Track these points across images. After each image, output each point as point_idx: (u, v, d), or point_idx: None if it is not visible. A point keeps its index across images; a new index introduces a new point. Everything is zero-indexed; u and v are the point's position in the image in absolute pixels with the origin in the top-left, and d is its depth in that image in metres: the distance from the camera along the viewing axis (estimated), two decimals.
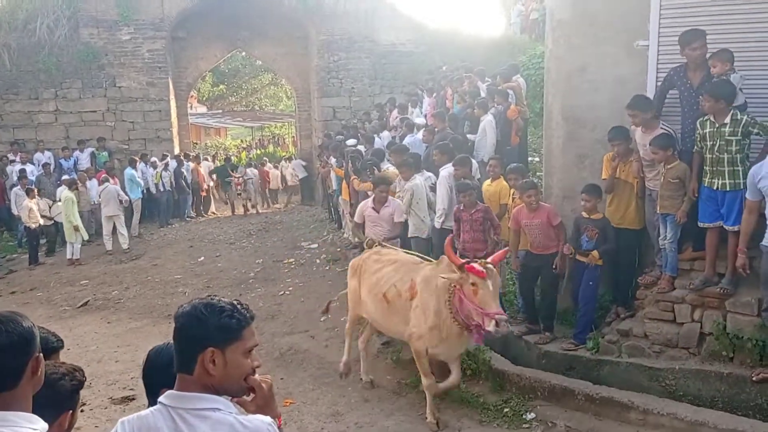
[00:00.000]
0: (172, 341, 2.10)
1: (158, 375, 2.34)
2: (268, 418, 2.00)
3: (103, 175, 14.17)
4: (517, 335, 6.31)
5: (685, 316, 5.45)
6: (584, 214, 5.98)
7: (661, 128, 5.52)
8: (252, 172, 19.82)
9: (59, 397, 2.13)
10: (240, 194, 18.44)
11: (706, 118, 5.16)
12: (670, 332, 5.51)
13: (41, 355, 1.93)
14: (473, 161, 8.24)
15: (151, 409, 2.03)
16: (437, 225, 7.44)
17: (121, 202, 13.91)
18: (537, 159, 11.18)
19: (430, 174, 8.00)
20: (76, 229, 12.88)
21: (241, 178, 18.38)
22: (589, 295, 5.95)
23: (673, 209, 5.38)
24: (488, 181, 7.67)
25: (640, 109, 5.51)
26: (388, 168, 9.30)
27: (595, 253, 5.79)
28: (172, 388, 2.02)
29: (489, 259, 4.89)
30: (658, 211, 5.54)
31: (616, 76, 6.09)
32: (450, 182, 7.32)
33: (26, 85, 16.64)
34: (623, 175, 5.86)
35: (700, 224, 5.31)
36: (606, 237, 5.86)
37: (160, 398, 2.01)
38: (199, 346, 1.96)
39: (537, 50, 14.81)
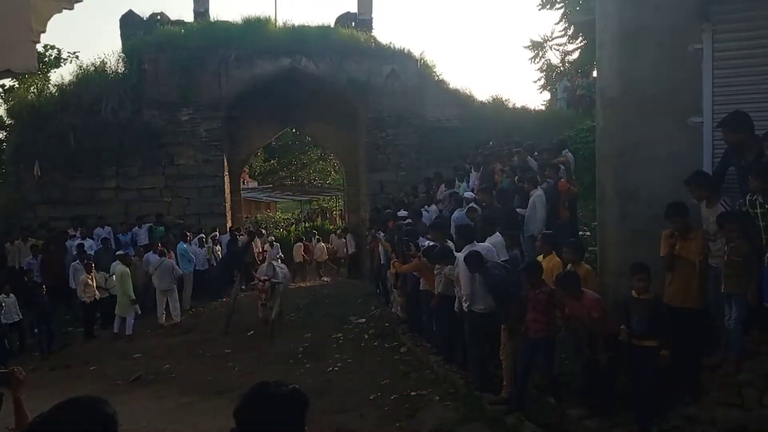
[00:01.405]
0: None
1: None
2: None
3: (161, 248, 14.53)
4: (576, 418, 6.05)
5: (753, 401, 5.14)
6: (633, 294, 5.80)
7: (721, 204, 5.40)
8: (282, 271, 13.37)
9: None
10: (265, 304, 12.47)
11: (754, 197, 5.05)
12: (738, 418, 5.18)
13: None
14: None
15: None
16: (465, 309, 7.47)
17: (175, 277, 14.21)
18: (588, 233, 11.02)
19: (488, 245, 7.93)
20: (134, 302, 13.15)
21: (267, 282, 12.41)
22: (649, 379, 5.69)
23: (738, 288, 5.17)
24: (540, 257, 7.59)
25: (699, 184, 5.42)
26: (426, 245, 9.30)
27: (664, 352, 5.56)
28: None
29: None
30: (722, 290, 5.32)
31: (669, 152, 6.02)
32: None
33: (89, 163, 17.32)
34: (683, 253, 5.67)
35: (765, 304, 5.08)
36: (658, 318, 5.64)
37: None
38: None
39: (584, 124, 14.84)
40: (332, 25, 19.88)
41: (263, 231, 23.28)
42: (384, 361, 9.80)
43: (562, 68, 28.06)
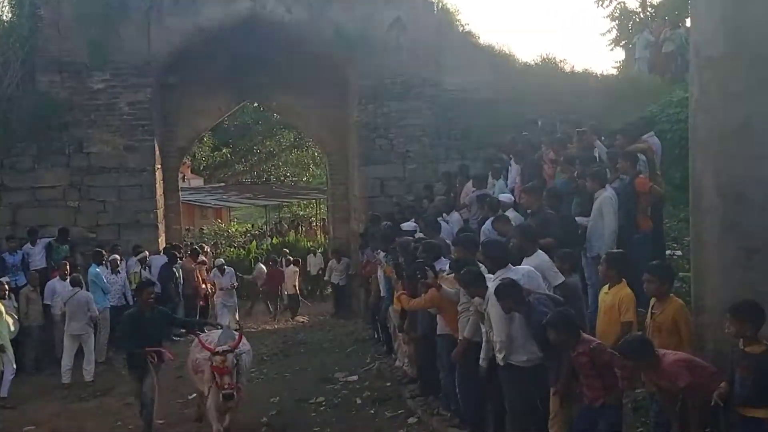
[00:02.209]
0: None
1: None
2: None
3: (74, 274, 14.58)
4: None
5: None
6: (740, 345, 5.78)
7: None
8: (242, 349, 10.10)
9: None
10: (231, 395, 9.10)
11: None
12: None
13: None
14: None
15: None
16: (500, 362, 7.46)
17: (90, 317, 14.23)
18: (678, 252, 11.03)
19: (528, 268, 7.92)
20: (3, 350, 13.01)
21: (231, 357, 9.27)
22: None
23: None
24: (605, 288, 7.59)
25: None
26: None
27: None
28: None
29: None
30: None
31: None
32: None
33: None
34: None
35: None
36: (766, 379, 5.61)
37: None
38: None
39: (674, 95, 14.86)
40: None
41: (206, 248, 23.22)
42: None
43: (642, 15, 28.17)
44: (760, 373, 5.58)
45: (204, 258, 19.95)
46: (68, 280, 14.55)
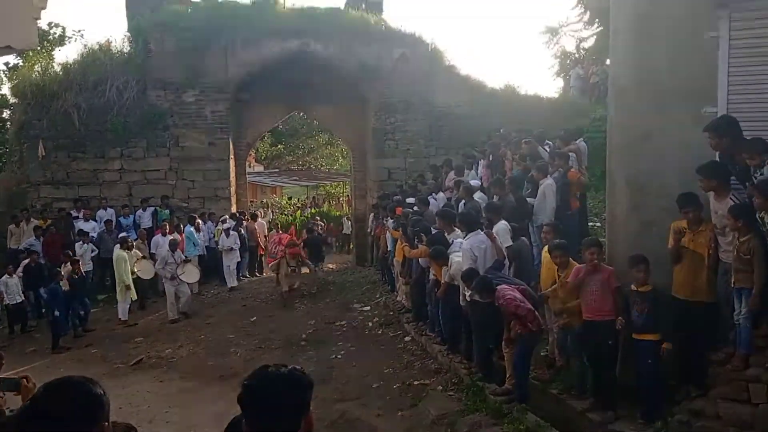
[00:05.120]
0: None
1: None
2: None
3: (173, 238, 14.42)
4: (579, 411, 6.09)
5: (760, 397, 5.17)
6: (633, 287, 5.84)
7: (731, 199, 5.37)
8: None
9: None
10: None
11: (761, 214, 5.08)
12: (744, 413, 5.22)
13: (109, 424, 1.96)
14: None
15: None
16: (468, 298, 7.49)
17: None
18: (598, 224, 11.02)
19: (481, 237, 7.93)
20: (128, 287, 13.23)
21: None
22: (650, 372, 5.72)
23: (748, 283, 5.16)
24: (546, 248, 7.60)
25: (710, 174, 5.40)
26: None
27: (666, 345, 5.63)
28: None
29: None
30: (732, 285, 5.32)
31: (682, 142, 5.98)
32: (474, 253, 7.51)
33: (93, 144, 17.39)
34: (692, 246, 5.68)
35: None
36: (657, 310, 5.66)
37: None
38: (305, 410, 2.11)
39: (598, 113, 14.78)
40: (341, 7, 19.79)
41: (260, 212, 22.68)
42: (388, 350, 9.86)
43: (576, 55, 27.89)
44: (652, 305, 5.67)
45: (261, 220, 19.79)
46: (167, 239, 14.33)
